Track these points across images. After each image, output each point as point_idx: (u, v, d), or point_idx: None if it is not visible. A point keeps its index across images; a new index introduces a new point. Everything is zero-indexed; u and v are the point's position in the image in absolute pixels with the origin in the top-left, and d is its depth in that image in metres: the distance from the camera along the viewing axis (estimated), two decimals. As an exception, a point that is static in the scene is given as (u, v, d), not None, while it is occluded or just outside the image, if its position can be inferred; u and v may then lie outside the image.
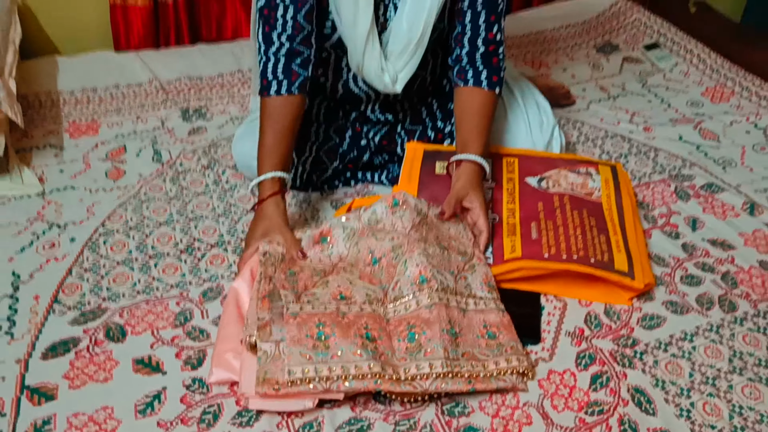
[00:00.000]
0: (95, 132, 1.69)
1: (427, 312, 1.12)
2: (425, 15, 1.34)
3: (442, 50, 1.50)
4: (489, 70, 1.41)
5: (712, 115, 1.84)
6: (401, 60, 1.39)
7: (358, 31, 1.33)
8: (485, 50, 1.41)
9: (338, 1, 1.32)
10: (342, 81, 1.47)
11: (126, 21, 2.03)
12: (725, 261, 1.38)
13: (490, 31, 1.40)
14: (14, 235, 1.37)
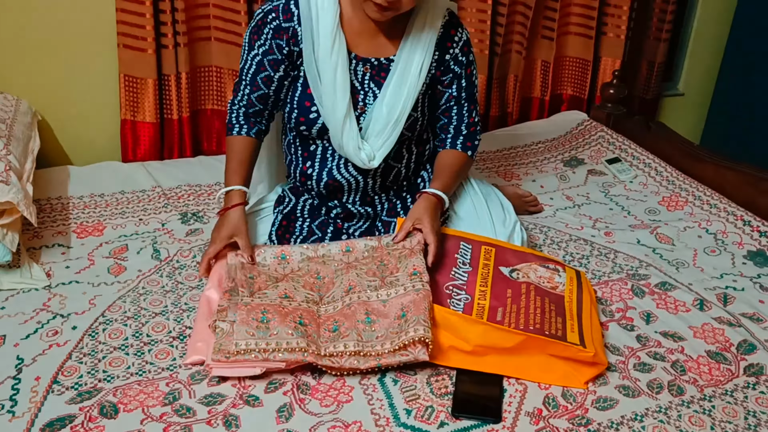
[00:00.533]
0: (100, 233, 1.84)
1: (348, 309, 1.42)
2: (402, 102, 1.60)
3: (416, 147, 1.73)
4: (465, 140, 1.73)
5: (668, 222, 2.01)
6: (379, 139, 1.62)
7: (336, 115, 1.58)
8: (467, 132, 1.73)
9: (320, 91, 1.58)
10: (327, 169, 1.69)
11: (134, 135, 2.24)
12: (675, 351, 1.49)
13: (471, 117, 1.72)
14: (21, 324, 1.49)
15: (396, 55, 1.62)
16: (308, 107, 1.62)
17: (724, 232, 1.94)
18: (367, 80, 1.63)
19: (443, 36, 1.64)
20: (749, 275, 1.77)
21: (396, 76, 1.61)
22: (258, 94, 1.65)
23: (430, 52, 1.62)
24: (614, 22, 2.67)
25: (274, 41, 1.59)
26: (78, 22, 2.13)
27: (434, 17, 1.62)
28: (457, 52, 1.66)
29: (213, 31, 2.24)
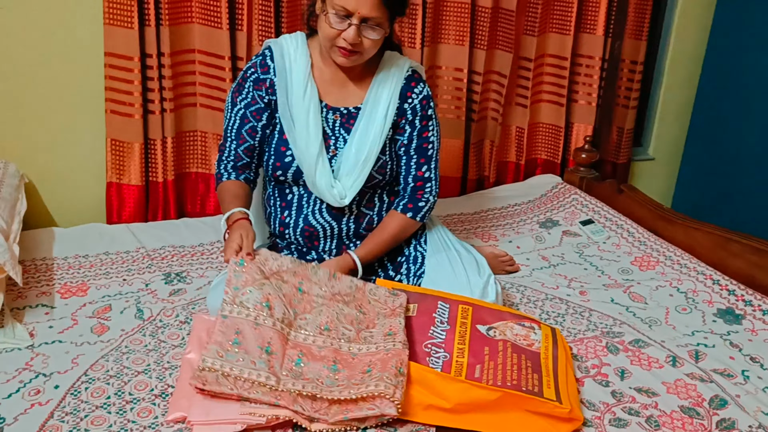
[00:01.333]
0: (84, 293, 1.86)
1: (317, 349, 1.47)
2: (369, 143, 1.75)
3: (387, 196, 1.86)
4: (409, 200, 1.83)
5: (640, 281, 2.07)
6: (350, 178, 1.75)
7: (310, 152, 1.73)
8: (414, 185, 1.82)
9: (294, 133, 1.74)
10: (303, 216, 1.81)
11: (120, 197, 2.28)
12: (649, 406, 1.53)
13: (419, 170, 1.82)
14: (3, 383, 1.50)
15: (363, 104, 1.79)
16: (284, 152, 1.76)
17: (695, 290, 2.01)
18: (337, 127, 1.79)
19: (405, 87, 1.80)
20: (719, 332, 1.82)
21: (363, 121, 1.78)
22: (244, 146, 1.78)
23: (395, 101, 1.79)
24: (585, 90, 2.79)
25: (255, 92, 1.77)
26: (66, 87, 2.19)
27: (398, 71, 1.80)
28: (416, 102, 1.81)
29: (198, 97, 2.31)
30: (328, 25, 1.63)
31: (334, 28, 1.62)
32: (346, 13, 1.60)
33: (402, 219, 1.83)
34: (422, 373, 1.44)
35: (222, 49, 2.23)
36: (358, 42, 1.64)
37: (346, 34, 1.62)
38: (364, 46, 1.66)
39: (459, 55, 2.56)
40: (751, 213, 2.72)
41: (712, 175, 2.94)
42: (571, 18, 2.65)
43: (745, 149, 2.79)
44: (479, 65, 2.60)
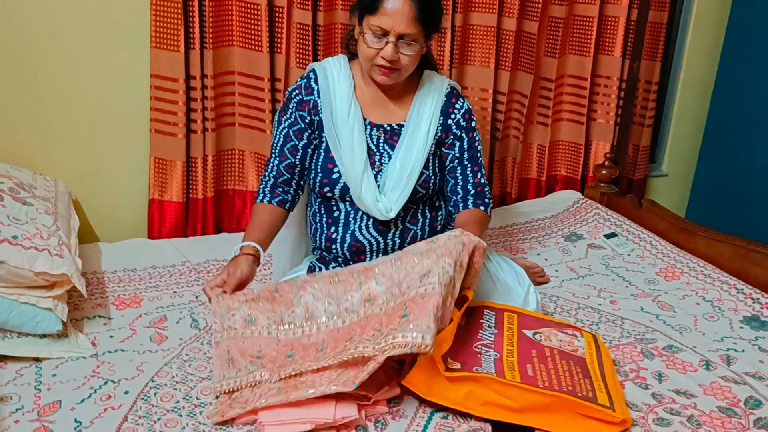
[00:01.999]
0: (138, 305, 1.93)
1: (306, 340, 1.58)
2: (413, 159, 1.83)
3: (429, 211, 1.92)
4: (474, 200, 1.89)
5: (667, 291, 2.16)
6: (395, 193, 1.82)
7: (355, 169, 1.80)
8: (475, 191, 1.89)
9: (341, 150, 1.82)
10: (350, 232, 1.87)
11: (161, 213, 2.36)
12: (689, 407, 1.61)
13: (476, 177, 1.90)
14: (74, 390, 1.56)
15: (406, 121, 1.87)
16: (330, 169, 1.84)
17: (720, 299, 2.09)
18: (381, 143, 1.87)
19: (446, 104, 1.89)
20: (747, 338, 1.91)
21: (407, 138, 1.86)
22: (285, 163, 1.86)
23: (436, 117, 1.87)
24: (603, 109, 2.90)
25: (297, 113, 1.86)
26: (113, 108, 2.27)
27: (438, 89, 1.90)
28: (459, 117, 1.90)
29: (238, 117, 2.40)
30: (366, 46, 1.73)
31: (373, 47, 1.72)
32: (382, 32, 1.71)
33: (476, 211, 1.87)
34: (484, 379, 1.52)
35: (262, 71, 2.33)
36: (396, 59, 1.73)
37: (384, 52, 1.72)
38: (402, 63, 1.75)
39: (484, 76, 2.67)
40: (762, 227, 2.82)
41: (723, 190, 3.05)
42: (590, 40, 2.77)
43: (754, 166, 2.90)
44: (503, 86, 2.70)
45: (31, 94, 2.18)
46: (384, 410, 1.52)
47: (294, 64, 2.36)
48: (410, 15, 1.69)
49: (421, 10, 1.71)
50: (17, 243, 1.65)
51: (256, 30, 2.29)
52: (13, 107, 2.17)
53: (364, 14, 1.74)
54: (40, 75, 2.17)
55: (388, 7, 1.69)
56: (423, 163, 1.85)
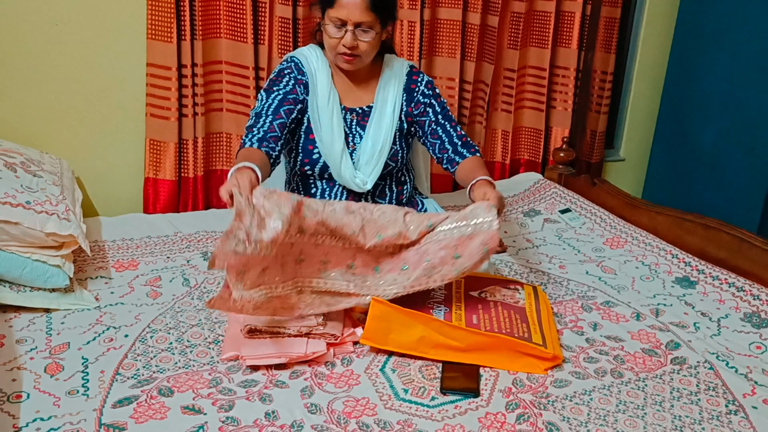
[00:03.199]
0: (135, 267, 2.16)
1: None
2: (382, 136, 2.06)
3: (396, 186, 2.16)
4: (465, 149, 2.10)
5: (611, 257, 2.40)
6: (369, 167, 2.06)
7: (335, 149, 2.03)
8: (461, 143, 2.11)
9: (321, 133, 2.04)
10: None
11: (155, 191, 2.59)
12: (616, 349, 1.85)
13: (457, 131, 2.12)
14: (81, 334, 1.80)
15: (373, 103, 2.11)
16: (311, 150, 2.06)
17: (657, 263, 2.34)
18: (354, 125, 2.11)
19: (408, 81, 2.14)
20: (676, 295, 2.15)
21: (375, 118, 2.09)
22: (279, 122, 1.96)
23: (400, 96, 2.11)
24: (561, 97, 3.15)
25: (296, 86, 2.04)
26: (112, 94, 2.51)
27: (399, 71, 2.14)
28: (423, 88, 2.15)
29: (225, 103, 2.63)
30: (329, 36, 1.96)
31: (334, 37, 1.95)
32: (341, 23, 1.93)
33: (474, 158, 2.09)
34: (432, 322, 1.76)
35: (246, 61, 2.56)
36: (355, 45, 1.95)
37: (345, 40, 1.94)
38: (362, 49, 1.98)
39: (451, 67, 2.90)
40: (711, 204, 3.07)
41: (676, 172, 3.30)
42: (548, 34, 3.01)
43: (703, 149, 3.14)
44: (469, 75, 2.95)
45: (37, 81, 2.41)
46: (350, 349, 1.77)
47: (276, 54, 2.60)
48: (363, 5, 1.91)
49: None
50: (30, 208, 1.88)
51: (242, 23, 2.52)
52: (22, 93, 2.40)
53: (324, 8, 1.96)
54: (45, 64, 2.40)
55: (343, 0, 1.91)
56: (392, 139, 2.09)
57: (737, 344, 1.89)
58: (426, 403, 1.59)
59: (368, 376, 1.68)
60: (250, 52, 2.55)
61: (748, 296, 2.08)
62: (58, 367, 1.65)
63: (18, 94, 2.40)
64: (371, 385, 1.64)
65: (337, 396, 1.60)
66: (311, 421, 1.51)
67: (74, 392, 1.57)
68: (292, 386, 1.62)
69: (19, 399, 1.53)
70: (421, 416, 1.55)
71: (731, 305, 2.07)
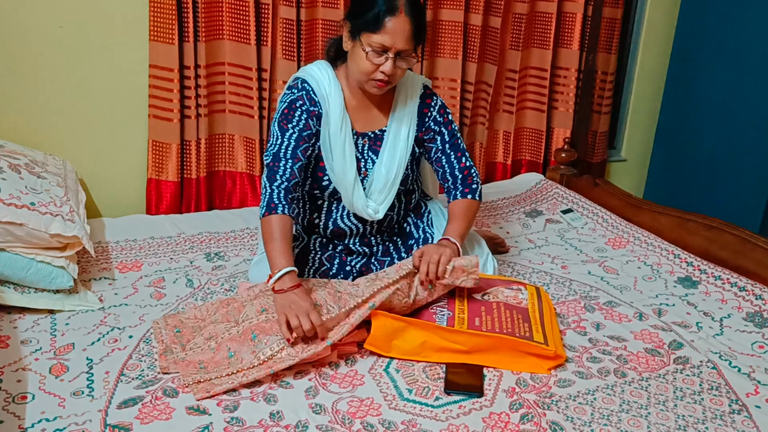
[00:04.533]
0: (139, 269, 2.17)
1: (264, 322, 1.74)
2: (396, 165, 1.98)
3: (404, 197, 2.12)
4: (463, 187, 2.06)
5: (613, 257, 2.41)
6: (381, 196, 2.00)
7: (347, 179, 1.95)
8: (462, 176, 2.06)
9: (333, 162, 1.95)
10: (332, 219, 2.05)
11: (158, 192, 2.59)
12: (619, 348, 1.86)
13: (461, 163, 2.06)
14: (85, 335, 1.80)
15: (387, 127, 2.03)
16: (321, 177, 1.99)
17: (659, 263, 2.35)
18: (366, 150, 2.02)
19: (421, 105, 2.05)
20: (678, 295, 2.16)
21: (389, 144, 2.01)
22: (299, 165, 1.89)
23: (414, 122, 2.03)
24: (563, 98, 3.15)
25: (309, 120, 1.93)
26: (115, 96, 2.51)
27: (413, 91, 2.04)
28: (435, 114, 2.06)
29: (228, 104, 2.64)
30: (369, 62, 1.82)
31: (374, 63, 1.81)
32: (383, 49, 1.80)
33: (466, 201, 2.04)
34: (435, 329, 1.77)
35: (250, 62, 2.57)
36: (393, 74, 1.84)
37: (384, 68, 1.81)
38: (397, 76, 1.86)
39: (453, 68, 2.91)
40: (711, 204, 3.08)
41: (676, 173, 3.30)
42: (550, 34, 3.02)
43: (703, 149, 3.15)
44: (471, 76, 2.95)
45: (41, 83, 2.41)
46: (354, 350, 1.77)
47: (280, 55, 2.60)
48: (410, 33, 1.81)
49: (416, 27, 1.82)
50: (35, 209, 1.88)
51: (245, 24, 2.53)
52: (26, 95, 2.41)
53: (363, 31, 1.81)
54: (49, 66, 2.41)
55: (389, 26, 1.78)
56: (405, 166, 2.02)
57: (740, 344, 1.90)
58: (430, 404, 1.60)
59: (372, 376, 1.69)
60: (253, 54, 2.56)
61: (751, 296, 2.09)
62: (62, 368, 1.66)
63: (22, 96, 2.40)
64: (375, 386, 1.65)
65: (341, 396, 1.61)
66: (316, 422, 1.51)
67: (79, 393, 1.57)
68: (296, 386, 1.63)
69: (25, 400, 1.54)
70: (426, 416, 1.56)
71: (733, 305, 2.08)
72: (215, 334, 1.75)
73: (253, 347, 1.67)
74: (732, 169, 3.03)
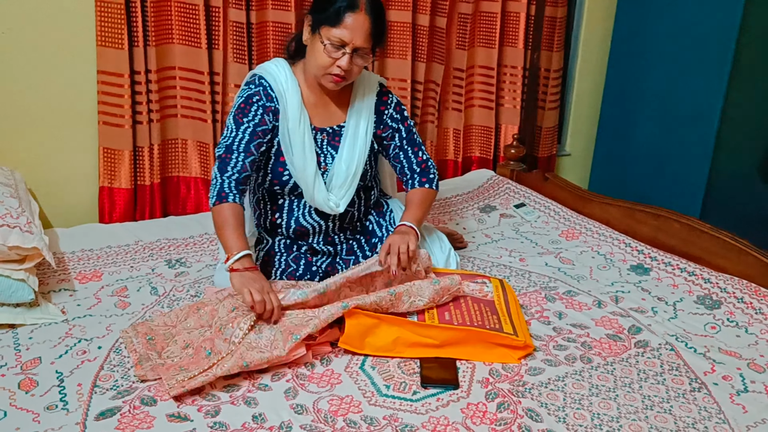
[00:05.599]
0: (99, 278, 2.12)
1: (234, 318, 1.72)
2: (356, 159, 2.03)
3: (364, 194, 2.16)
4: (420, 177, 2.15)
5: (568, 248, 2.49)
6: (342, 190, 2.04)
7: (307, 173, 1.98)
8: (420, 170, 2.14)
9: (293, 157, 1.98)
10: (294, 218, 2.07)
11: (111, 200, 2.54)
12: (583, 336, 1.93)
13: (418, 157, 2.13)
14: (52, 348, 1.76)
15: (345, 122, 2.07)
16: (281, 172, 2.01)
17: (612, 252, 2.44)
18: (325, 145, 2.05)
19: (378, 102, 2.10)
20: (633, 282, 2.25)
21: (348, 140, 2.05)
22: (251, 159, 1.93)
23: (372, 118, 2.08)
24: (510, 95, 3.23)
25: (264, 116, 1.96)
26: (63, 103, 2.45)
27: (370, 89, 2.10)
28: (392, 111, 2.13)
29: (180, 108, 2.61)
30: (326, 55, 1.87)
31: (331, 56, 1.87)
32: (341, 44, 1.85)
33: (423, 190, 2.13)
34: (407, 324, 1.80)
35: (201, 66, 2.54)
36: (349, 69, 1.89)
37: (340, 62, 1.86)
38: (353, 73, 1.92)
39: (403, 68, 2.95)
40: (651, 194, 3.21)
41: (618, 165, 3.43)
42: (495, 34, 3.09)
43: (644, 144, 3.28)
44: (420, 76, 3.00)
45: (-16, 90, 2.34)
46: (328, 350, 1.78)
47: (231, 59, 2.59)
48: (368, 31, 1.86)
49: (375, 26, 1.88)
50: (-9, 221, 1.83)
51: (195, 28, 2.51)
52: (-32, 103, 2.33)
53: (322, 24, 1.86)
54: (-8, 73, 2.33)
55: (349, 22, 1.84)
56: (365, 162, 2.06)
57: (693, 326, 2.00)
58: (409, 398, 1.63)
59: (349, 374, 1.70)
60: (204, 58, 2.53)
61: (700, 280, 2.20)
62: (32, 383, 1.62)
63: (-36, 104, 2.32)
64: (353, 383, 1.67)
65: (321, 395, 1.62)
66: (299, 422, 1.52)
67: (53, 407, 1.54)
68: (275, 388, 1.63)
69: (-4, 417, 1.50)
70: (406, 410, 1.58)
71: (684, 289, 2.18)
72: (191, 341, 1.73)
73: (225, 336, 1.68)
74: (671, 161, 3.16)
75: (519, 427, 1.54)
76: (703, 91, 2.95)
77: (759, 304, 2.04)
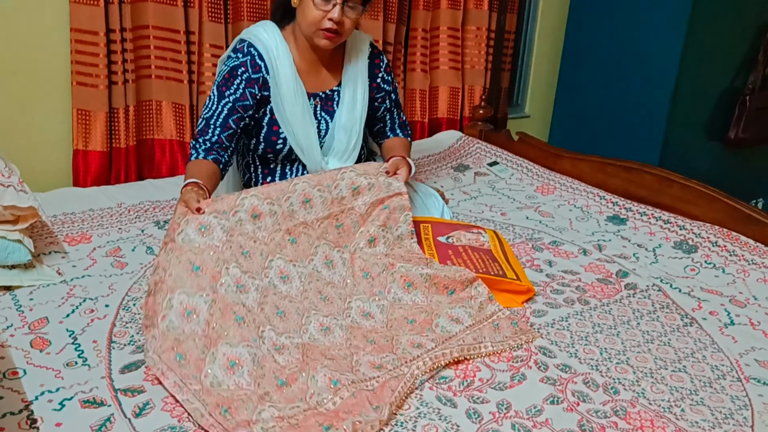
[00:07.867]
0: (89, 240, 2.07)
1: None
2: (357, 125, 2.05)
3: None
4: (400, 130, 2.23)
5: (545, 203, 2.58)
6: (342, 160, 2.04)
7: (310, 142, 1.99)
8: (400, 129, 2.20)
9: (291, 126, 1.96)
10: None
11: (86, 163, 2.47)
12: (575, 280, 2.02)
13: (400, 118, 2.20)
14: (56, 308, 1.72)
15: (340, 86, 2.05)
16: (275, 141, 2.00)
17: (587, 205, 2.54)
18: (319, 110, 2.04)
19: (371, 65, 2.10)
20: (611, 231, 2.36)
21: (346, 104, 2.04)
22: (228, 133, 1.91)
23: (366, 81, 2.08)
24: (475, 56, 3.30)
25: (247, 90, 1.92)
26: (34, 63, 2.35)
27: (362, 50, 2.08)
28: (384, 74, 2.14)
29: (155, 69, 2.54)
30: (317, 9, 1.83)
31: (321, 9, 1.83)
32: None
33: (400, 138, 2.21)
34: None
35: (177, 25, 2.48)
36: (341, 22, 1.85)
37: (332, 14, 1.82)
38: (345, 27, 1.87)
39: (375, 29, 2.96)
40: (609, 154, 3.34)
41: (577, 127, 3.55)
42: (461, -5, 3.14)
43: (602, 105, 3.40)
44: (390, 37, 3.01)
45: (-49, 48, 2.22)
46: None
47: (206, 17, 2.54)
48: None
49: None
50: (-16, 180, 1.76)
51: (170, -16, 2.45)
52: (-66, 62, 2.21)
53: None
54: (-41, 30, 2.22)
55: None
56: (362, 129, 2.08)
57: (674, 269, 2.12)
58: (426, 341, 1.67)
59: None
60: (180, 16, 2.48)
61: (675, 227, 2.32)
62: (44, 342, 1.58)
63: (-73, 64, 2.20)
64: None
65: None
66: (328, 367, 1.54)
67: (73, 363, 1.51)
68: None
69: (17, 375, 1.46)
70: (427, 353, 1.63)
71: (661, 236, 2.30)
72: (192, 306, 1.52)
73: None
74: (628, 121, 3.30)
75: (536, 362, 1.61)
76: (661, 50, 3.08)
77: (732, 247, 2.18)
